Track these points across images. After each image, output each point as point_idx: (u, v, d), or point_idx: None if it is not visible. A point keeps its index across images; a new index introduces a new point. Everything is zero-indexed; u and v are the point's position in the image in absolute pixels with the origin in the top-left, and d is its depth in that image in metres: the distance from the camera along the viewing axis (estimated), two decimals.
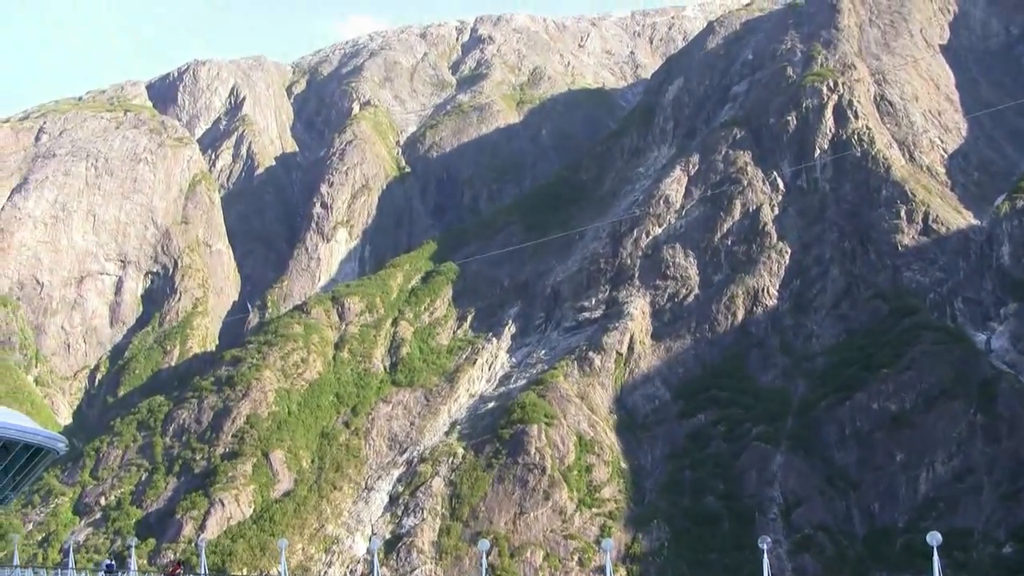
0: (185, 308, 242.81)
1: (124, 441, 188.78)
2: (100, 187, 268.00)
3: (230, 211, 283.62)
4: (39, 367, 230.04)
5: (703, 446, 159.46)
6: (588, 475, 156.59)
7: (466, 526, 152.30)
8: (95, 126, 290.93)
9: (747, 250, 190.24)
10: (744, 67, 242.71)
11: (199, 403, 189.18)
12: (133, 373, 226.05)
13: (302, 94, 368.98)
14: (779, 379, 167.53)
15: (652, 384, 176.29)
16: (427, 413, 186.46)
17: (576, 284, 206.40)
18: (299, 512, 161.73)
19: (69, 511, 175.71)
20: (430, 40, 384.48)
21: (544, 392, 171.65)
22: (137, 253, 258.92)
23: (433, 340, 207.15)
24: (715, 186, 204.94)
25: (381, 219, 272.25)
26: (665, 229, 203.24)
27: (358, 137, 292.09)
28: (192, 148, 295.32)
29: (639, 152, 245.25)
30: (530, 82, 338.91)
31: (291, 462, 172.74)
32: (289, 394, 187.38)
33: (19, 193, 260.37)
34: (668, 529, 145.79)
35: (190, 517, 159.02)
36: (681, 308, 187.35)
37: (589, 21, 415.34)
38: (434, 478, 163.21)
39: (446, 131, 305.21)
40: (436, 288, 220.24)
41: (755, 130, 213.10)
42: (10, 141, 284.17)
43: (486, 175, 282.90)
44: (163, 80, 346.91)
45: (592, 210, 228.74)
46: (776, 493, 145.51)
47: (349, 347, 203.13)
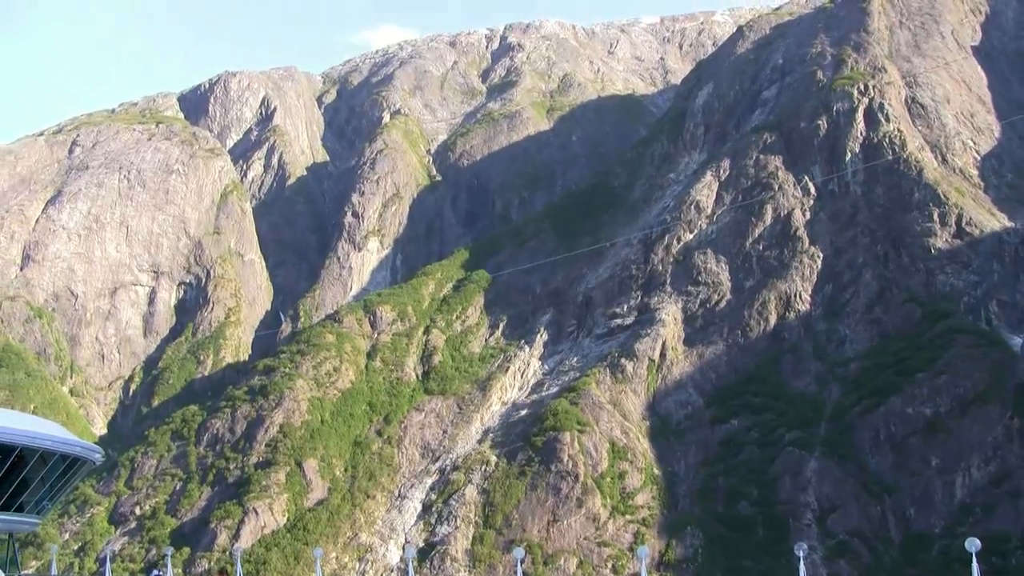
0: (218, 318, 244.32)
1: (158, 451, 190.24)
2: (133, 198, 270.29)
3: (262, 221, 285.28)
4: (74, 378, 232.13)
5: (736, 452, 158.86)
6: (621, 482, 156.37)
7: (499, 534, 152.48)
8: (127, 138, 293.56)
9: (779, 255, 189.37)
10: (774, 71, 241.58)
11: (232, 413, 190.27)
12: (167, 383, 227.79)
13: (333, 104, 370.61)
14: (812, 384, 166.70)
15: (685, 390, 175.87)
16: (460, 421, 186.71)
17: (608, 291, 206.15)
18: (333, 521, 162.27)
19: (105, 521, 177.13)
20: (460, 48, 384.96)
21: (577, 399, 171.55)
22: (170, 264, 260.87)
23: (465, 348, 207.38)
24: (746, 191, 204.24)
25: (412, 228, 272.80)
26: (696, 235, 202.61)
27: (389, 146, 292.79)
28: (224, 159, 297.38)
29: (670, 158, 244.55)
30: (560, 89, 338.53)
31: (324, 471, 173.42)
32: (322, 403, 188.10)
33: (53, 205, 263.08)
34: (702, 536, 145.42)
35: (224, 526, 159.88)
36: (713, 314, 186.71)
37: (618, 27, 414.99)
38: (467, 486, 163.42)
39: (476, 139, 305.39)
40: (468, 296, 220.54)
41: (786, 135, 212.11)
42: (44, 154, 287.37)
43: (517, 183, 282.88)
44: (194, 91, 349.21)
45: (623, 217, 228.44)
46: (810, 499, 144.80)
47: (381, 356, 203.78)
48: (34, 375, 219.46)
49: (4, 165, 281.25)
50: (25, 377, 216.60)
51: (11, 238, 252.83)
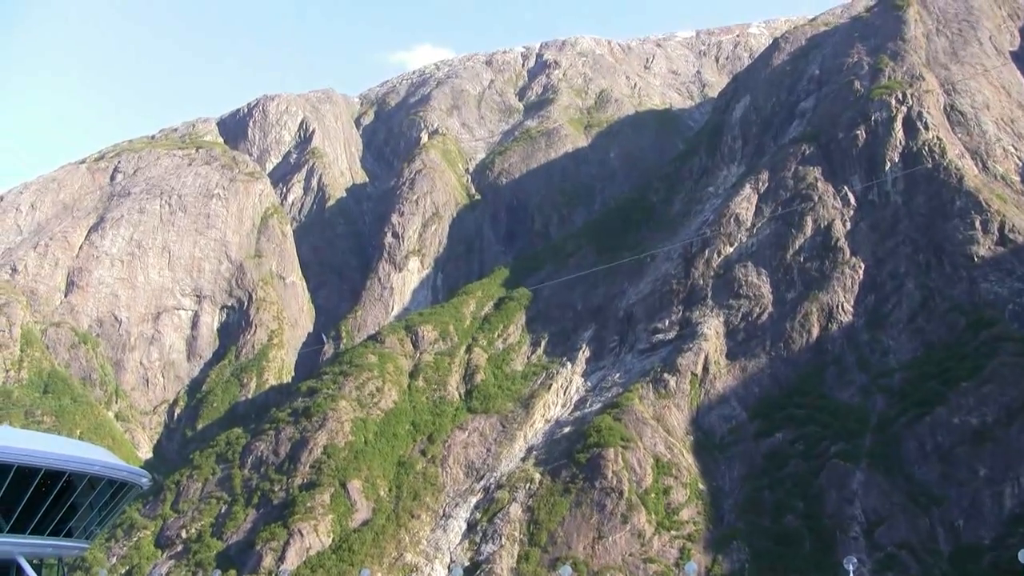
0: (260, 341, 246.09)
1: (203, 474, 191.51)
2: (174, 223, 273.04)
3: (302, 243, 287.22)
4: (119, 403, 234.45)
5: (781, 465, 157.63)
6: (666, 497, 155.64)
7: (544, 551, 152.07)
8: (168, 163, 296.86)
9: (820, 266, 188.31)
10: (811, 82, 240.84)
11: (276, 435, 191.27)
12: (211, 406, 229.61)
13: (371, 125, 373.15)
14: (856, 396, 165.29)
15: (728, 404, 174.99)
16: (503, 439, 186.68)
17: (649, 306, 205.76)
18: (378, 541, 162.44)
19: (151, 544, 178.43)
20: (496, 67, 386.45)
21: (620, 415, 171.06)
22: (212, 287, 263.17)
23: (507, 366, 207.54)
24: (785, 203, 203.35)
25: (452, 247, 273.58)
26: (736, 248, 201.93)
27: (427, 166, 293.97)
28: (263, 182, 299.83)
29: (708, 172, 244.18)
30: (597, 105, 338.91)
31: (369, 491, 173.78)
32: (365, 423, 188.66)
33: (96, 232, 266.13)
34: (748, 550, 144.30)
35: (270, 548, 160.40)
36: (755, 327, 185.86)
37: (654, 42, 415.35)
38: (511, 504, 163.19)
39: (515, 157, 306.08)
40: (509, 314, 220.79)
41: (824, 145, 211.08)
42: (87, 181, 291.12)
43: (556, 200, 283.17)
44: (233, 116, 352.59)
45: (662, 231, 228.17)
46: (857, 511, 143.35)
47: (424, 375, 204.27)
48: (80, 400, 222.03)
49: (47, 193, 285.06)
50: (71, 402, 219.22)
51: (55, 265, 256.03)
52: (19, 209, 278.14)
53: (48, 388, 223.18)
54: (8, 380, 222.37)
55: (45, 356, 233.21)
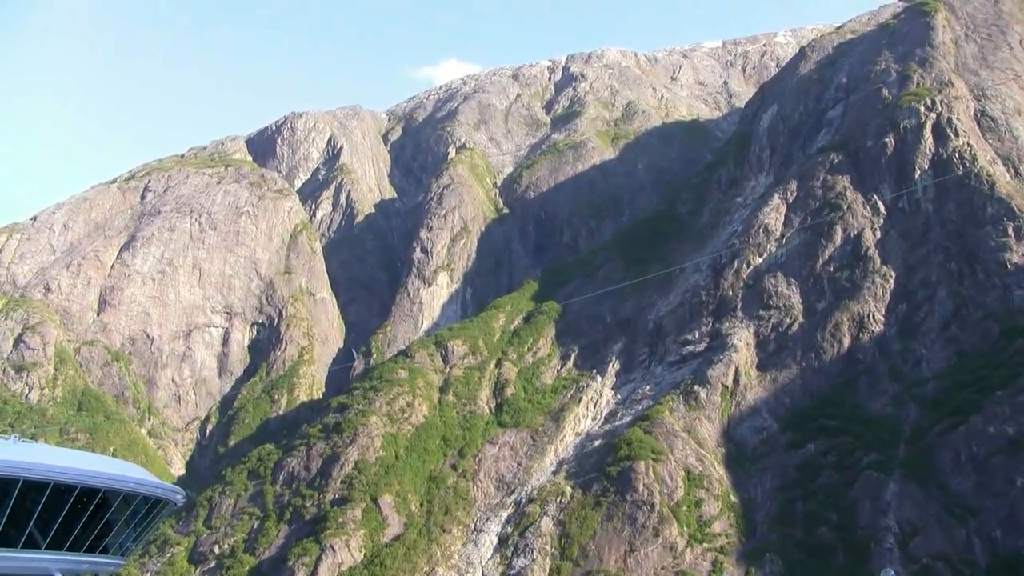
0: (291, 357, 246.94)
1: (236, 490, 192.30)
2: (204, 241, 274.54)
3: (332, 259, 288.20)
4: (152, 420, 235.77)
5: (814, 477, 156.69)
6: (698, 510, 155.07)
7: (576, 565, 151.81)
8: (197, 182, 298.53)
9: (850, 276, 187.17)
10: (838, 91, 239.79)
11: (308, 450, 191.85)
12: (242, 423, 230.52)
13: (398, 141, 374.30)
14: (889, 406, 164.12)
15: (759, 416, 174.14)
16: (534, 453, 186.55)
17: (679, 318, 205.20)
18: (409, 556, 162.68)
19: (184, 560, 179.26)
20: (522, 81, 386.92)
21: (650, 428, 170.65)
22: (242, 305, 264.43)
23: (537, 380, 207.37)
24: (815, 213, 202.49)
25: (481, 261, 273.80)
26: (766, 259, 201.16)
27: (455, 181, 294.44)
28: (292, 199, 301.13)
29: (736, 182, 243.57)
30: (624, 117, 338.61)
31: (400, 506, 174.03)
32: (396, 439, 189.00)
33: (127, 251, 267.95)
34: (781, 563, 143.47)
35: (302, 564, 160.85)
36: (785, 338, 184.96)
37: (680, 53, 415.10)
38: (543, 518, 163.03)
39: (542, 170, 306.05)
40: (539, 328, 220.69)
41: (853, 154, 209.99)
42: (118, 201, 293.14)
43: (584, 213, 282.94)
44: (261, 134, 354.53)
45: (691, 243, 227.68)
46: (891, 522, 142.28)
47: (454, 390, 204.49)
48: (113, 418, 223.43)
49: (79, 213, 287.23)
50: (104, 420, 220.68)
51: (87, 284, 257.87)
52: (52, 229, 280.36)
53: (82, 406, 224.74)
54: (42, 398, 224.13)
55: (78, 374, 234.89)
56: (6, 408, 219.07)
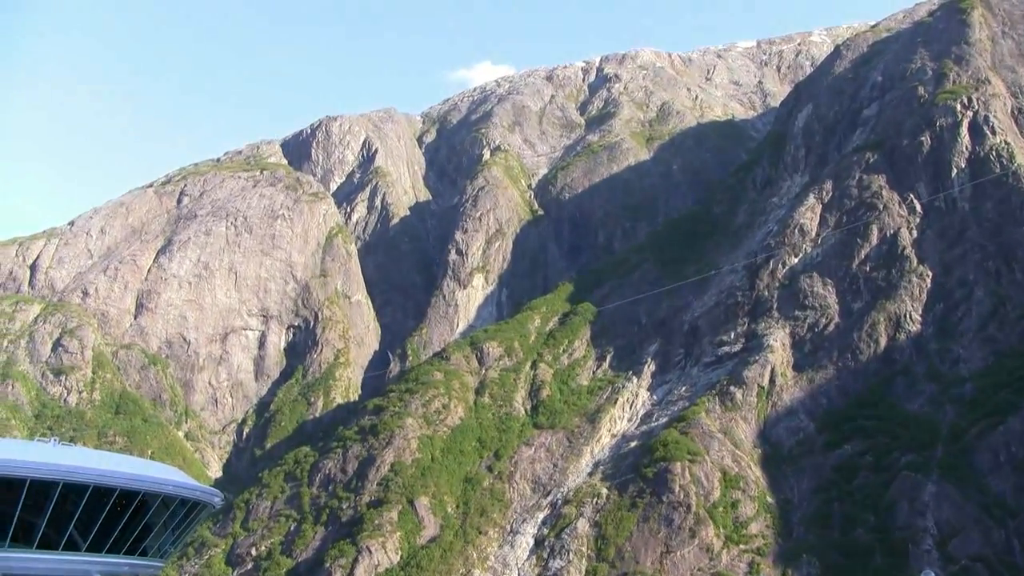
0: (327, 360, 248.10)
1: (272, 492, 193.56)
2: (240, 245, 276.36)
3: (367, 262, 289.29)
4: (189, 423, 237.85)
5: (851, 478, 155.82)
6: (734, 511, 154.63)
7: (612, 567, 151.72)
8: (233, 186, 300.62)
9: (886, 276, 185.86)
10: (874, 89, 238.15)
11: (344, 452, 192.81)
12: (279, 425, 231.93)
13: (433, 143, 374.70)
14: (927, 406, 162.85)
15: (796, 416, 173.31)
16: (570, 454, 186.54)
17: (714, 319, 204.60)
18: (446, 558, 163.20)
19: (222, 562, 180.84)
20: (556, 82, 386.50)
21: (686, 429, 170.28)
22: (278, 308, 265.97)
23: (573, 381, 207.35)
24: (850, 212, 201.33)
25: (516, 263, 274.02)
26: (801, 259, 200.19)
27: (490, 183, 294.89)
28: (327, 202, 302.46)
29: (771, 182, 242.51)
30: (659, 118, 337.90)
31: (436, 508, 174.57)
32: (432, 441, 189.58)
33: (164, 255, 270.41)
34: (818, 564, 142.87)
35: (339, 565, 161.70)
36: (822, 338, 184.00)
37: (715, 53, 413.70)
38: (579, 519, 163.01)
39: (577, 172, 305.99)
40: (574, 329, 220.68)
41: (888, 153, 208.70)
42: (154, 205, 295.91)
43: (619, 214, 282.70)
44: (296, 137, 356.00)
45: (726, 243, 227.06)
46: (929, 524, 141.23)
47: (490, 392, 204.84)
48: (151, 421, 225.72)
49: (116, 217, 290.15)
50: (142, 423, 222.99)
51: (125, 288, 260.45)
52: (89, 234, 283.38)
53: (120, 409, 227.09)
54: (81, 402, 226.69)
55: (116, 378, 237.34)
56: (45, 411, 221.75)
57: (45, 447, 61.05)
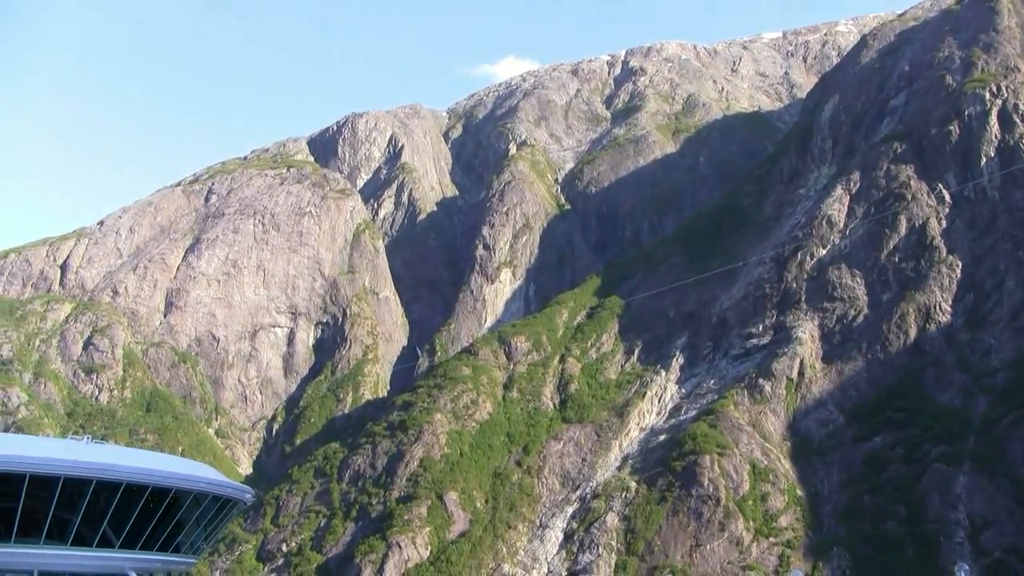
0: (356, 356, 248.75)
1: (302, 488, 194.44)
2: (268, 242, 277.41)
3: (395, 258, 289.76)
4: (219, 420, 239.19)
5: (881, 470, 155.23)
6: (764, 504, 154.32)
7: (642, 560, 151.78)
8: (260, 184, 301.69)
9: (916, 266, 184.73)
10: (901, 79, 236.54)
11: (373, 448, 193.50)
12: (308, 422, 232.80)
13: (459, 139, 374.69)
14: (958, 397, 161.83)
15: (825, 408, 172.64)
16: (598, 448, 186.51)
17: (742, 311, 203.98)
18: (475, 552, 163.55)
19: (253, 558, 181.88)
20: (582, 76, 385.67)
21: (715, 422, 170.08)
22: (307, 304, 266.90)
23: (601, 375, 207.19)
24: (878, 203, 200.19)
25: (544, 257, 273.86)
26: (829, 250, 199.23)
27: (516, 177, 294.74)
28: (354, 199, 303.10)
29: (798, 174, 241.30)
30: (684, 110, 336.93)
31: (465, 503, 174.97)
32: (461, 436, 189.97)
33: (192, 253, 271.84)
34: (849, 557, 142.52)
35: (369, 561, 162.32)
36: (851, 330, 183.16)
37: (740, 44, 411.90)
38: (608, 513, 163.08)
39: (603, 165, 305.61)
40: (602, 323, 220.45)
41: (916, 143, 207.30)
42: (182, 204, 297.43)
43: (646, 207, 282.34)
44: (323, 134, 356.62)
45: (754, 235, 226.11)
46: (961, 516, 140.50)
47: (518, 386, 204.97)
48: (181, 418, 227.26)
49: (145, 216, 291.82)
50: (173, 420, 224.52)
51: (154, 286, 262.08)
52: (118, 233, 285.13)
53: (150, 407, 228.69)
54: (112, 400, 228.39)
55: (147, 376, 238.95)
56: (77, 410, 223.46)
57: (78, 445, 61.51)
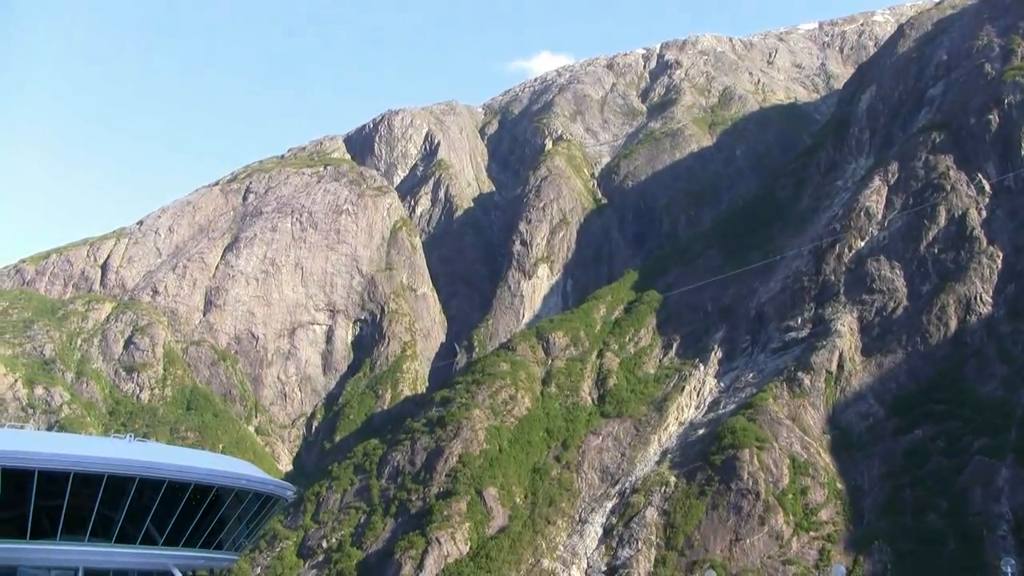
0: (394, 352, 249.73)
1: (342, 485, 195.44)
2: (306, 240, 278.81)
3: (432, 255, 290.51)
4: (259, 417, 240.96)
5: (922, 463, 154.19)
6: (804, 498, 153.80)
7: (681, 555, 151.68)
8: (297, 182, 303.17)
9: (955, 257, 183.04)
10: (939, 68, 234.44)
11: (412, 444, 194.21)
12: (347, 418, 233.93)
13: (495, 134, 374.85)
14: (999, 389, 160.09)
15: (865, 401, 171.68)
16: (637, 443, 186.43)
17: (780, 304, 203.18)
18: (515, 548, 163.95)
19: (293, 554, 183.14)
20: (617, 70, 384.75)
21: (754, 415, 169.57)
22: (345, 302, 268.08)
23: (639, 369, 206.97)
24: (917, 194, 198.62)
25: (581, 252, 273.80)
26: (868, 242, 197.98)
27: (553, 172, 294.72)
28: (391, 196, 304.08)
29: (836, 165, 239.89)
30: (721, 103, 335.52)
31: (504, 498, 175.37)
32: (499, 431, 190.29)
33: (231, 251, 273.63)
34: (890, 551, 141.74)
35: (408, 557, 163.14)
36: (890, 322, 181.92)
37: (776, 36, 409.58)
38: (647, 508, 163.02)
39: (640, 159, 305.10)
40: (640, 317, 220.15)
41: (955, 132, 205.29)
42: (220, 203, 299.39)
43: (683, 200, 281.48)
44: (359, 132, 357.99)
45: (791, 228, 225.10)
46: (1004, 509, 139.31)
47: (556, 381, 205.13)
48: (221, 416, 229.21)
49: (184, 215, 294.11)
50: (213, 418, 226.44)
51: (193, 285, 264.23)
52: (157, 232, 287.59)
53: (191, 405, 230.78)
54: (153, 398, 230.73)
55: (187, 374, 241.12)
56: (119, 408, 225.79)
57: (121, 443, 62.35)
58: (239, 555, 68.00)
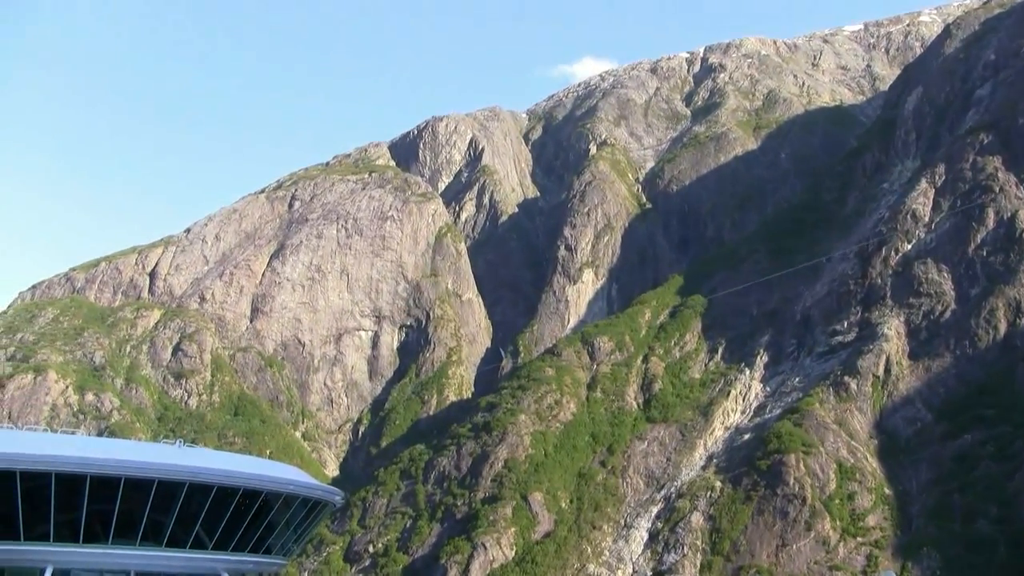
0: (440, 358, 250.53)
1: (388, 490, 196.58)
2: (351, 247, 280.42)
3: (477, 260, 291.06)
4: (305, 423, 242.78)
5: (971, 468, 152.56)
6: (851, 503, 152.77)
7: (727, 560, 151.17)
8: (343, 189, 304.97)
9: (1004, 259, 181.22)
10: (986, 69, 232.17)
11: (458, 450, 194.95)
12: (393, 424, 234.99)
13: (539, 140, 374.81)
14: None
15: (913, 406, 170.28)
16: (683, 448, 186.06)
17: (826, 308, 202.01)
18: (560, 553, 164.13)
19: (340, 559, 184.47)
20: (661, 74, 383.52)
21: (800, 420, 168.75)
22: (390, 308, 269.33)
23: (685, 374, 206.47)
24: (964, 196, 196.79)
25: (626, 257, 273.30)
26: (915, 245, 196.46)
27: (597, 177, 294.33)
28: (436, 202, 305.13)
29: (882, 168, 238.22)
30: (765, 106, 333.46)
31: (550, 503, 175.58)
32: (545, 436, 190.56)
33: (277, 259, 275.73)
34: (939, 557, 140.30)
35: (454, 562, 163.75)
36: (938, 325, 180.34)
37: (821, 38, 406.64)
38: (693, 513, 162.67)
39: (684, 163, 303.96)
40: (685, 322, 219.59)
41: (1003, 133, 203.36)
42: (266, 211, 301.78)
43: (728, 204, 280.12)
44: (404, 139, 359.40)
45: (837, 231, 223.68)
46: None
47: (601, 386, 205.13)
48: (269, 422, 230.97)
49: (230, 223, 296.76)
50: (260, 424, 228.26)
51: (240, 292, 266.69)
52: (205, 240, 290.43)
53: (238, 411, 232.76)
54: (201, 404, 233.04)
55: (234, 380, 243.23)
56: (167, 414, 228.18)
57: (171, 449, 63.21)
58: (288, 560, 68.65)
